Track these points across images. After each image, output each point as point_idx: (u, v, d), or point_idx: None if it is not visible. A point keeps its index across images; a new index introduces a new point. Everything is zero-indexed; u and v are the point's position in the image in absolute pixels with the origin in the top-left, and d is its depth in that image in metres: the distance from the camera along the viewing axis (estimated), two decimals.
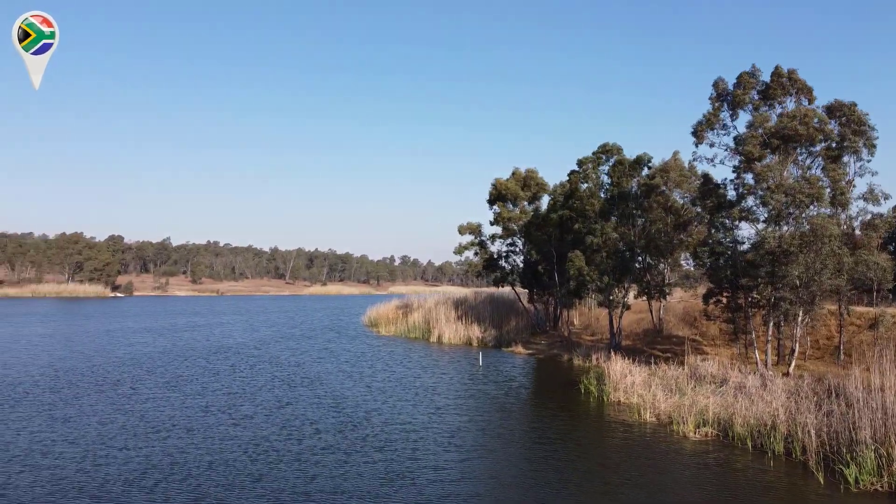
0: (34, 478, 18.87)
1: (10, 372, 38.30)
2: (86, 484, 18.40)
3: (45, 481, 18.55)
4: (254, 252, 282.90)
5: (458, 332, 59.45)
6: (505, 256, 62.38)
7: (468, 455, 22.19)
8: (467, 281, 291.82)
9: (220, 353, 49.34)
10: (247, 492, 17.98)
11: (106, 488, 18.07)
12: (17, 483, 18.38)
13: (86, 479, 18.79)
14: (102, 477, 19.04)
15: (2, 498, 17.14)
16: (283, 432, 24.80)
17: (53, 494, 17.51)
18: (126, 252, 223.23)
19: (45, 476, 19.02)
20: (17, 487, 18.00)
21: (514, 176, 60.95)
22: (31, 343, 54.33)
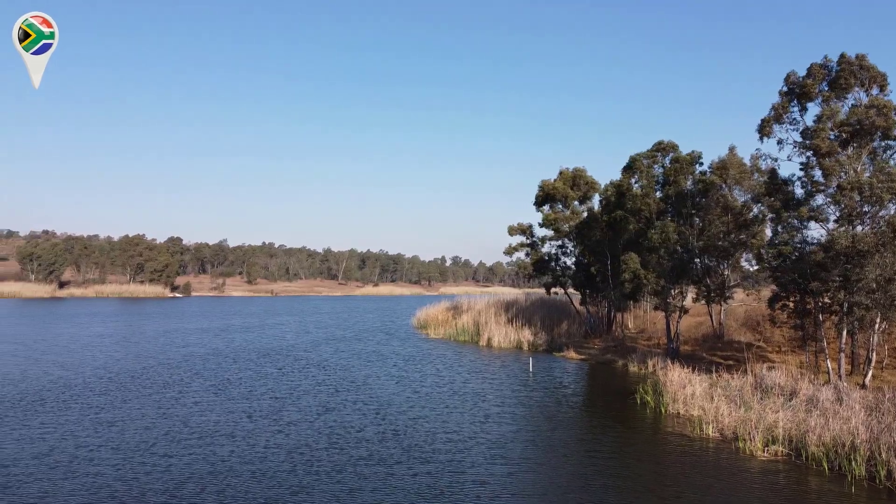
0: (75, 485, 18.64)
1: (66, 373, 38.93)
2: (124, 494, 18.04)
3: (85, 490, 18.29)
4: (307, 253, 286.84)
5: (508, 336, 58.10)
6: (555, 258, 60.71)
7: (516, 468, 21.10)
8: (519, 282, 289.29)
9: (270, 356, 49.36)
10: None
11: (146, 499, 17.66)
12: (57, 491, 18.17)
13: (125, 489, 18.46)
14: (141, 487, 18.67)
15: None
16: (327, 440, 24.18)
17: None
18: (185, 253, 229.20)
19: (86, 484, 18.78)
20: (58, 495, 17.77)
21: (561, 176, 59.21)
22: (90, 344, 55.55)
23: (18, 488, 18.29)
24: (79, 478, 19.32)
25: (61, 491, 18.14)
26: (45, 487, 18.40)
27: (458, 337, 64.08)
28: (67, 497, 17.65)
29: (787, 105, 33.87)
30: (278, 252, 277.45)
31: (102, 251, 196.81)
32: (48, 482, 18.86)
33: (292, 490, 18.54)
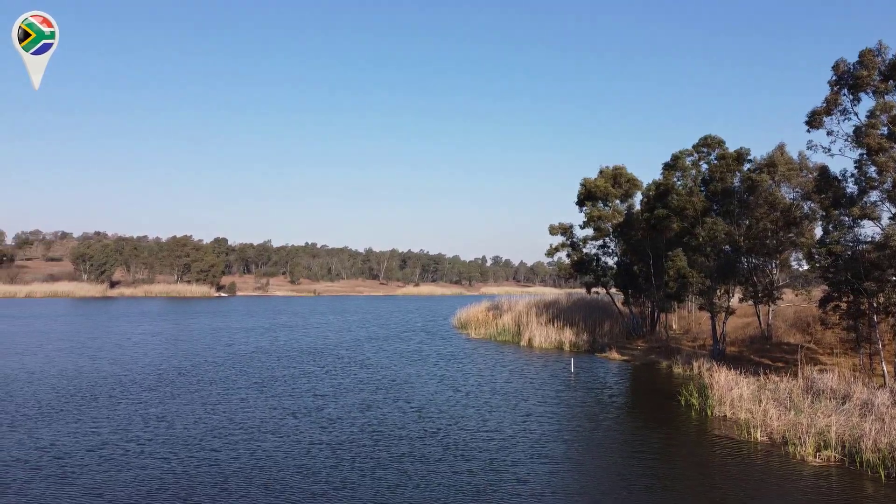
0: (127, 477, 19.22)
1: (118, 370, 40.15)
2: (174, 485, 18.54)
3: (137, 481, 18.84)
4: (349, 253, 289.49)
5: (549, 336, 57.64)
6: (597, 258, 59.97)
7: (557, 467, 20.97)
8: (560, 282, 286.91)
9: (313, 354, 50.02)
10: (331, 499, 17.57)
11: (194, 491, 18.13)
12: (110, 482, 18.76)
13: (174, 480, 18.97)
14: (190, 479, 19.16)
15: (98, 497, 17.44)
16: (369, 437, 24.42)
17: (144, 496, 17.68)
18: (230, 254, 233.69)
19: (138, 475, 19.34)
20: (111, 486, 18.35)
21: (602, 174, 58.45)
22: (140, 341, 57.16)
23: (75, 479, 18.93)
24: (130, 469, 19.91)
25: (114, 482, 18.71)
26: (99, 478, 18.99)
27: (498, 337, 63.86)
28: (120, 488, 18.21)
29: (837, 98, 32.77)
30: (321, 252, 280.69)
31: (151, 252, 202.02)
32: (102, 473, 19.47)
33: (336, 485, 18.76)
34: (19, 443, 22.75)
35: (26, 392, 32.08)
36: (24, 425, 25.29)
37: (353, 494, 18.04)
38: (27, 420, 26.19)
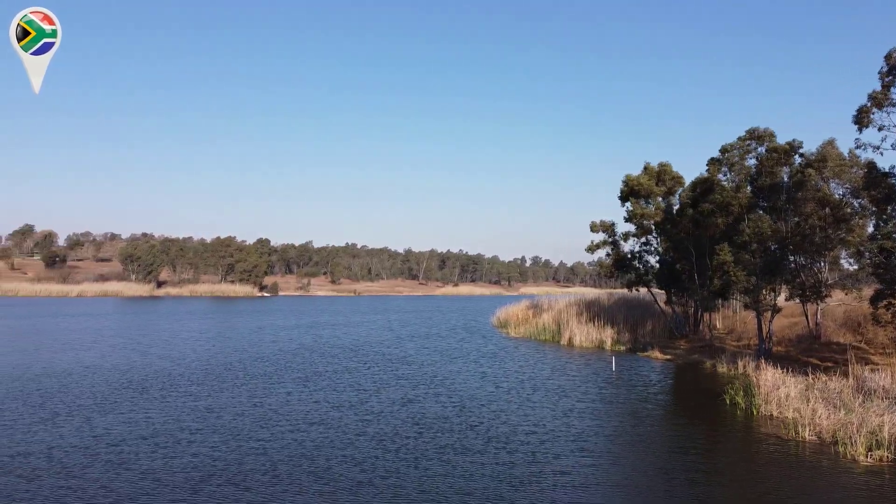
0: (177, 464, 19.94)
1: (167, 364, 41.46)
2: (224, 472, 19.17)
3: (189, 468, 19.55)
4: (389, 253, 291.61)
5: (589, 335, 57.25)
6: (638, 256, 59.27)
7: (598, 460, 21.02)
8: (600, 282, 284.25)
9: (355, 351, 50.71)
10: (377, 487, 18.00)
11: (245, 477, 18.72)
12: (162, 468, 19.50)
13: (224, 467, 19.61)
14: (240, 466, 19.77)
15: (155, 481, 18.16)
16: (412, 430, 24.79)
17: (198, 480, 18.35)
18: (272, 254, 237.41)
19: (188, 463, 20.06)
20: (162, 472, 19.07)
21: (646, 171, 57.71)
22: (188, 338, 58.81)
23: (131, 464, 19.74)
24: (183, 457, 20.64)
25: (168, 467, 19.45)
26: (154, 464, 19.76)
27: (538, 336, 63.67)
28: (175, 473, 18.92)
29: (888, 91, 31.83)
30: (361, 253, 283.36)
31: (196, 252, 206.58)
32: (156, 460, 20.25)
33: (382, 474, 19.17)
34: (77, 431, 23.71)
35: (82, 384, 33.32)
36: (80, 415, 26.32)
37: (399, 483, 18.41)
38: (83, 410, 27.24)
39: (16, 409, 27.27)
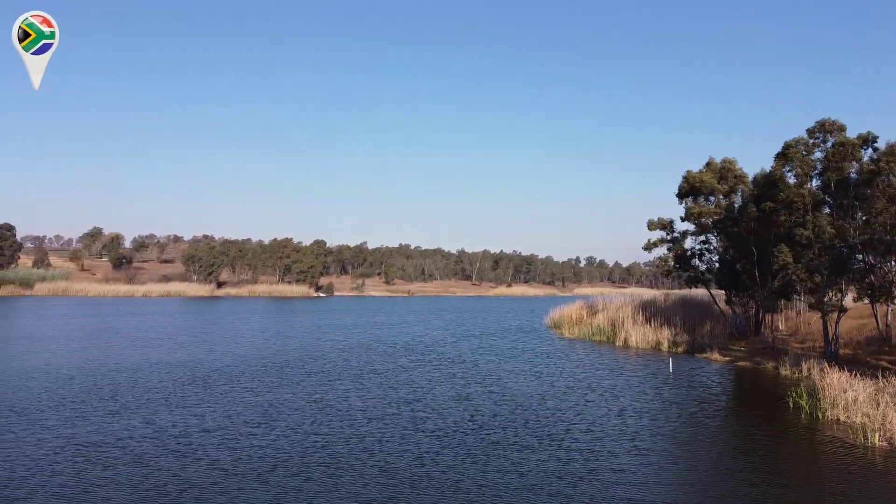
0: (238, 455, 20.72)
1: (229, 361, 42.96)
2: (288, 463, 19.83)
3: (255, 459, 20.31)
4: (442, 254, 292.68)
5: (645, 336, 56.37)
6: (698, 255, 57.99)
7: (655, 459, 20.90)
8: (657, 282, 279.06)
9: (410, 350, 51.30)
10: (436, 480, 18.36)
11: (308, 468, 19.33)
12: (230, 459, 20.30)
13: (287, 458, 20.27)
14: (301, 458, 20.41)
15: (222, 471, 18.93)
16: (469, 426, 25.09)
17: (264, 471, 19.04)
18: (328, 255, 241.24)
19: (250, 454, 20.82)
20: (233, 462, 19.88)
21: (708, 167, 56.33)
22: (249, 336, 60.56)
23: (198, 455, 20.61)
24: (247, 449, 21.41)
25: (234, 458, 20.24)
26: (219, 455, 20.60)
27: (593, 336, 63.03)
28: (240, 464, 19.69)
29: None
30: (414, 253, 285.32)
31: (255, 253, 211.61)
32: (221, 451, 21.10)
33: (441, 468, 19.53)
34: (146, 423, 24.81)
35: (150, 380, 34.77)
36: (148, 408, 27.49)
37: (458, 477, 18.73)
38: (151, 403, 28.45)
39: (90, 401, 28.69)
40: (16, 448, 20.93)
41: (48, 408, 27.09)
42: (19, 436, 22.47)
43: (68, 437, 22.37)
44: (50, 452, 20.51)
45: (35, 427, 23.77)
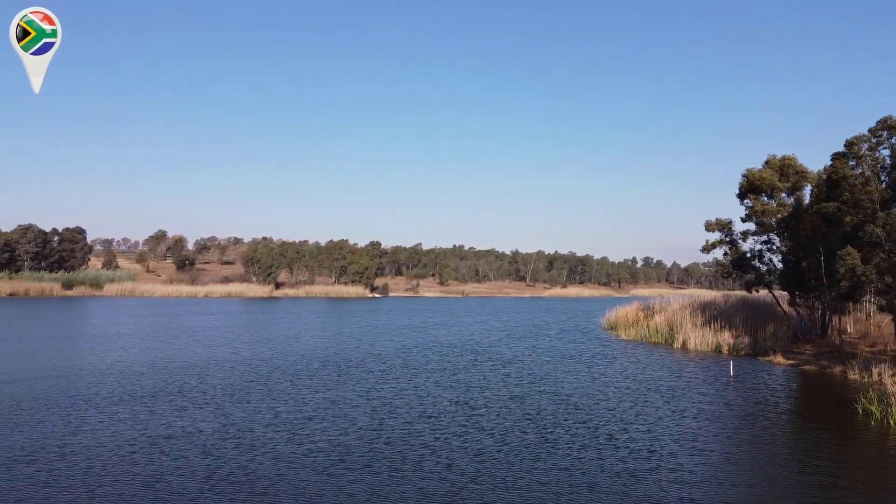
0: (307, 449, 21.44)
1: (290, 359, 44.18)
2: (350, 458, 20.41)
3: (319, 452, 20.98)
4: (496, 255, 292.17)
5: (705, 339, 55.18)
6: (759, 255, 56.43)
7: (715, 461, 20.72)
8: (717, 283, 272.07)
9: (465, 350, 51.67)
10: (496, 477, 18.63)
11: (372, 463, 19.88)
12: (295, 452, 21.04)
13: (346, 452, 20.87)
14: (364, 454, 20.97)
15: (289, 464, 19.63)
16: (527, 425, 25.29)
17: (329, 465, 19.66)
18: (383, 256, 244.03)
19: (317, 448, 21.51)
20: (299, 456, 20.60)
21: (768, 165, 54.75)
22: (308, 336, 62.10)
23: (263, 448, 21.41)
24: (310, 443, 22.15)
25: (298, 452, 20.95)
26: (285, 449, 21.36)
27: (650, 338, 62.07)
28: (306, 457, 20.39)
29: None
30: (468, 254, 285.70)
31: (311, 255, 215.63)
32: (285, 444, 21.88)
33: (500, 465, 19.81)
34: (213, 417, 25.86)
35: (216, 376, 36.13)
36: (214, 403, 28.58)
37: (520, 473, 19.00)
38: (217, 399, 29.58)
39: (160, 396, 30.03)
40: (93, 439, 22.14)
41: (121, 402, 28.47)
42: (96, 428, 23.73)
43: (141, 430, 23.52)
44: (125, 443, 21.65)
45: (110, 420, 25.05)
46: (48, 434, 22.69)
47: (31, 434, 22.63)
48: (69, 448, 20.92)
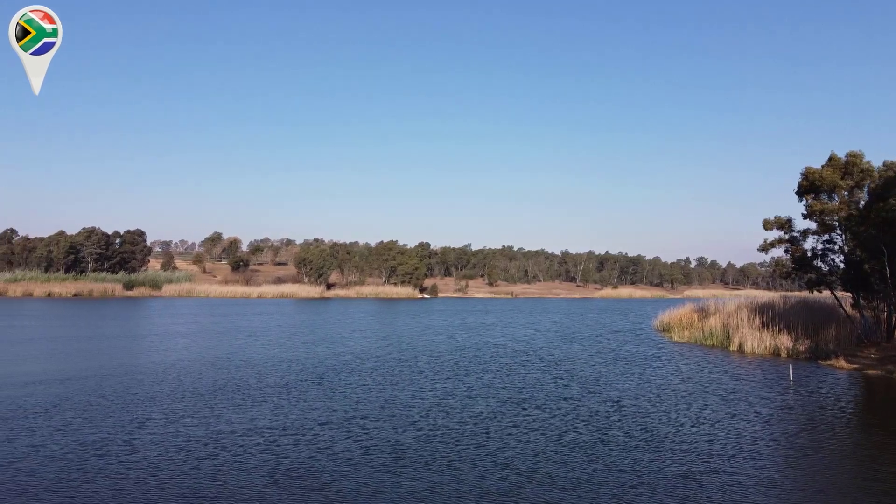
0: (366, 447, 21.90)
1: (344, 358, 45.00)
2: (408, 456, 20.80)
3: (378, 450, 21.45)
4: (545, 255, 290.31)
5: (762, 341, 53.76)
6: (821, 255, 54.64)
7: (772, 464, 20.39)
8: (774, 284, 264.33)
9: (517, 350, 51.73)
10: (553, 477, 18.72)
11: (433, 461, 20.23)
12: (356, 450, 21.51)
13: (400, 451, 21.25)
14: (421, 452, 21.32)
15: (349, 461, 20.10)
16: (581, 426, 25.27)
17: (389, 463, 20.09)
18: (432, 257, 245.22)
19: (376, 446, 21.98)
20: (359, 453, 21.07)
21: (830, 163, 52.98)
22: (362, 335, 63.11)
23: (323, 446, 21.95)
24: (367, 441, 22.61)
25: (358, 450, 21.44)
26: (346, 446, 21.88)
27: (704, 341, 60.82)
28: (367, 454, 20.89)
29: None
30: (517, 255, 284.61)
31: (361, 256, 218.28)
32: (346, 442, 22.39)
33: (555, 465, 19.94)
34: (270, 414, 26.64)
35: (273, 375, 37.09)
36: (271, 401, 29.36)
37: (576, 474, 19.09)
38: (273, 397, 30.37)
39: (219, 393, 31.05)
40: (159, 434, 23.08)
41: (183, 399, 29.52)
42: (161, 423, 24.70)
43: (203, 426, 24.39)
44: (189, 438, 22.50)
45: (173, 416, 26.03)
46: (116, 429, 23.74)
47: (101, 429, 23.71)
48: (137, 442, 21.87)
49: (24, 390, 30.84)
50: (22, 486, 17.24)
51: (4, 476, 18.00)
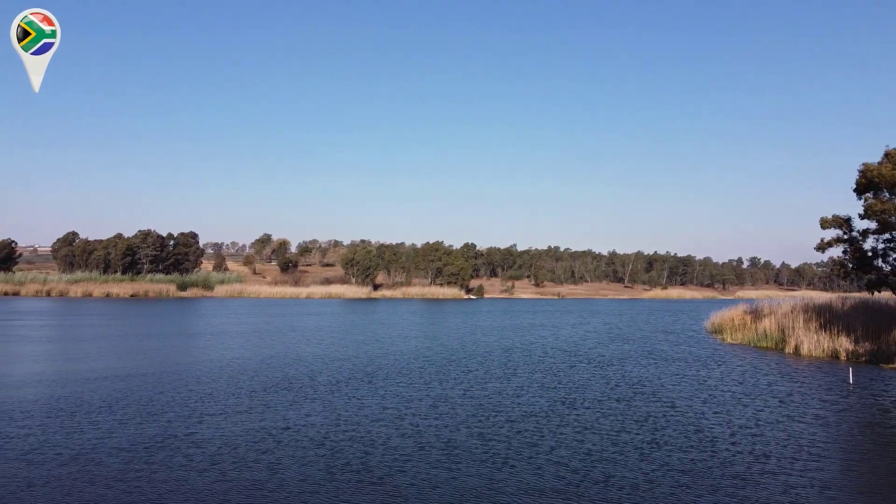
0: (417, 443, 22.20)
1: (393, 358, 45.56)
2: (463, 452, 21.03)
3: (435, 449, 21.70)
4: (592, 256, 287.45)
5: (819, 343, 52.21)
6: (882, 255, 52.79)
7: (830, 466, 19.92)
8: (831, 285, 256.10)
9: (566, 351, 51.52)
10: (610, 476, 18.71)
11: (485, 458, 20.39)
12: (407, 447, 21.89)
13: (459, 448, 21.48)
14: (476, 447, 21.55)
15: (401, 457, 20.43)
16: (633, 426, 25.11)
17: (444, 460, 20.33)
18: (478, 258, 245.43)
19: (432, 443, 22.26)
20: (409, 449, 21.43)
21: (888, 158, 51.19)
22: (411, 336, 63.79)
23: (375, 443, 22.39)
24: (415, 437, 23.00)
25: (412, 446, 21.80)
26: (400, 443, 22.24)
27: (758, 343, 59.40)
28: (418, 451, 21.17)
29: None
30: (563, 255, 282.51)
31: (408, 257, 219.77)
32: (398, 439, 22.76)
33: (611, 464, 19.92)
34: (323, 411, 27.18)
35: (324, 372, 37.80)
36: (323, 398, 29.92)
37: (630, 473, 19.01)
38: (325, 394, 30.92)
39: (272, 390, 31.80)
40: (217, 429, 23.81)
41: (238, 395, 30.36)
42: (217, 419, 25.48)
43: (259, 421, 25.07)
44: (245, 432, 23.18)
45: (230, 411, 26.81)
46: (176, 423, 24.58)
47: (161, 423, 24.59)
48: (197, 436, 22.62)
49: (87, 386, 32.17)
50: (92, 476, 18.06)
51: (74, 467, 18.87)
